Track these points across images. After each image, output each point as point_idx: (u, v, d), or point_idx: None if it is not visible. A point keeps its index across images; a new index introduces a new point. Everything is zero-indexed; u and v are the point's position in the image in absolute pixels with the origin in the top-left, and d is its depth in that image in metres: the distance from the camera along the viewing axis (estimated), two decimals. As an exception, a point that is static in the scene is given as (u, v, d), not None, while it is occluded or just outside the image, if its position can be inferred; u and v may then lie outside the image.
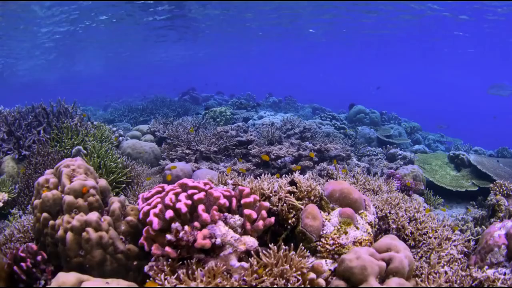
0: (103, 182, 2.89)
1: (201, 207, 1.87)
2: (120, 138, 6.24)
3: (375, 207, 2.46)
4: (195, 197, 1.92)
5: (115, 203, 2.57)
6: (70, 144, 5.27)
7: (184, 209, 1.89)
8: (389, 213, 2.40)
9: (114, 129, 6.40)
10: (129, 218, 2.29)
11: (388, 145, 6.78)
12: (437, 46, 21.58)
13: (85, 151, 4.91)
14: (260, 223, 1.92)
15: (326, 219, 2.04)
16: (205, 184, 2.07)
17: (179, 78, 35.25)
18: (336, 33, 19.48)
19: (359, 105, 11.71)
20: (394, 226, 2.34)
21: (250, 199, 1.95)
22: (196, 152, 4.75)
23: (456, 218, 4.05)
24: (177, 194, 2.01)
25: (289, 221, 2.01)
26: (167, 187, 2.21)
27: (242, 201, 1.96)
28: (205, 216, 1.83)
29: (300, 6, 13.70)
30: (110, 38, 19.30)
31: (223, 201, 1.91)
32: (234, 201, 2.01)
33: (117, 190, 4.40)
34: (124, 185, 4.46)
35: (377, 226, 2.33)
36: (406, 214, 2.39)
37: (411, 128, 11.51)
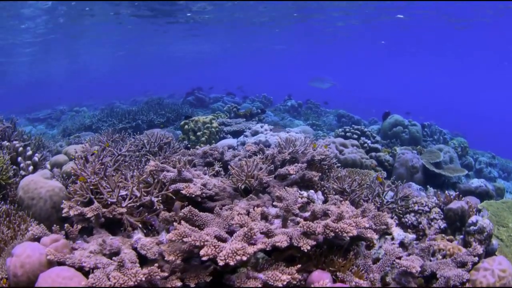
0: None
1: None
2: (30, 168, 4.17)
3: None
4: None
5: None
6: None
7: None
8: None
9: (29, 153, 4.34)
10: None
11: (445, 187, 4.36)
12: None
13: None
14: None
15: None
16: None
17: (193, 77, 33.40)
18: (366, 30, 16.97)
19: (396, 114, 9.16)
20: None
21: None
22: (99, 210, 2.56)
23: None
24: None
25: None
26: None
27: None
28: None
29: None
30: (116, 34, 17.76)
31: None
32: None
33: None
34: None
35: None
36: None
37: (462, 149, 8.80)
